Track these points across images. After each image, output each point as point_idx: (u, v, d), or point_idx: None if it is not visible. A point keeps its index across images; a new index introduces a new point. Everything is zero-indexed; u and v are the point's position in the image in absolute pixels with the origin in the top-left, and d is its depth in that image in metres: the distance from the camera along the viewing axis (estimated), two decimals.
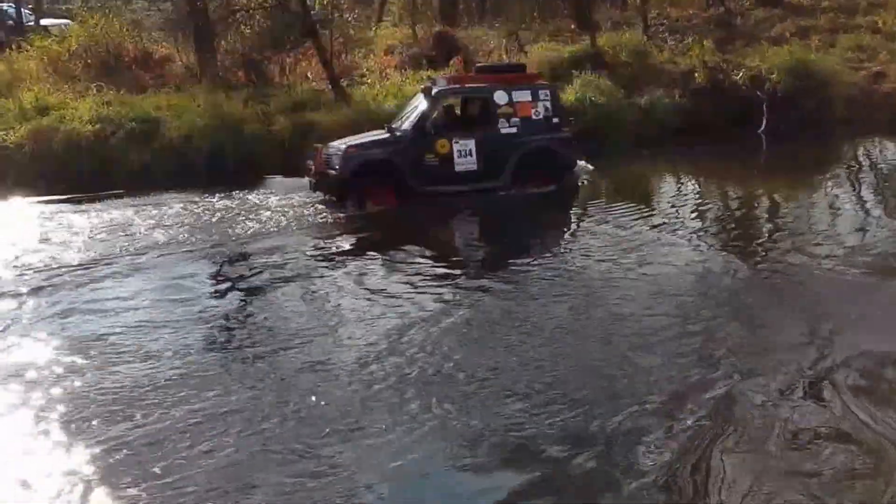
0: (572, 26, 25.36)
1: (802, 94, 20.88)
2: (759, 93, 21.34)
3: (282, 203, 15.40)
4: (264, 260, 12.10)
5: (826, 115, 20.80)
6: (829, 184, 16.40)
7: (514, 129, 15.11)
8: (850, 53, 23.48)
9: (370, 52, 24.50)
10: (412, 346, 8.52)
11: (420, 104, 15.36)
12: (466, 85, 15.88)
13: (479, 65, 17.74)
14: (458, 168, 14.76)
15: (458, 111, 15.94)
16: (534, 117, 15.25)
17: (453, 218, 14.57)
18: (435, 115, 15.08)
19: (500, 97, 15.10)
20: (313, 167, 14.90)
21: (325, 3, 23.11)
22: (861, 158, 19.22)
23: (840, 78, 21.72)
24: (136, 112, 19.11)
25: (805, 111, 20.65)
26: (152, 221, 14.44)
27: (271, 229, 13.78)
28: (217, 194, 16.16)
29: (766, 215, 14.56)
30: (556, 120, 15.47)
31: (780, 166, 18.83)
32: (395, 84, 21.47)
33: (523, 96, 15.24)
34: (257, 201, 15.70)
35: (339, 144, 14.73)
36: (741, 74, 21.80)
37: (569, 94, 20.07)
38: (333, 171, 14.38)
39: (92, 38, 22.72)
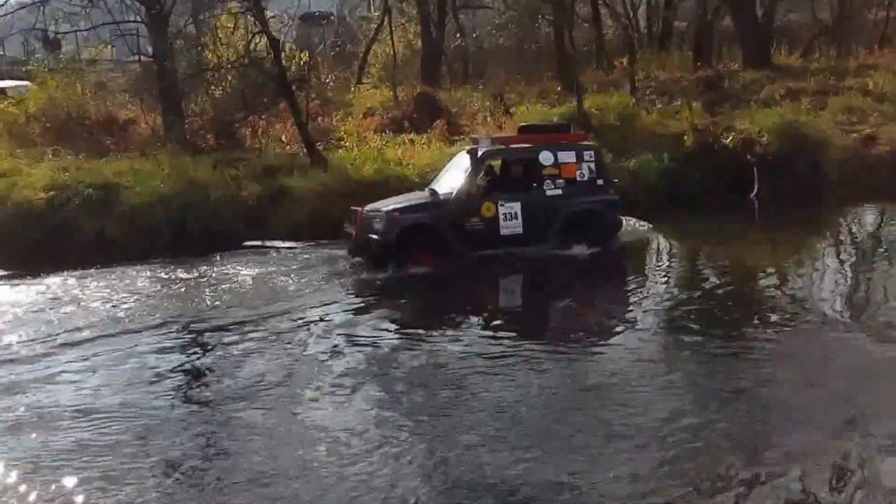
0: (558, 88, 24.46)
1: (794, 158, 20.05)
2: (749, 156, 20.40)
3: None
4: None
5: (819, 179, 19.92)
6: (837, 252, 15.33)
7: (559, 191, 14.68)
8: (840, 116, 22.67)
9: (348, 114, 23.37)
10: None
11: (463, 165, 14.84)
12: (511, 146, 15.26)
13: (522, 124, 16.97)
14: (503, 231, 14.29)
15: (502, 172, 15.37)
16: (579, 179, 14.83)
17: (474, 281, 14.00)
18: (480, 177, 14.65)
19: (545, 158, 14.65)
20: (354, 231, 14.30)
21: (301, 63, 22.00)
22: (859, 225, 18.13)
23: (832, 141, 20.88)
24: (94, 178, 17.86)
25: (797, 175, 19.73)
26: (101, 295, 13.27)
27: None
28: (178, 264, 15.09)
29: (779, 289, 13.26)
30: (600, 181, 14.98)
31: (776, 234, 17.77)
32: (375, 148, 20.29)
33: (568, 157, 14.83)
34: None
35: (381, 207, 14.23)
36: (731, 137, 20.81)
37: None
38: (375, 236, 13.81)
39: (51, 101, 21.46)
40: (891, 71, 25.31)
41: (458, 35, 27.63)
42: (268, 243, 16.44)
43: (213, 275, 14.54)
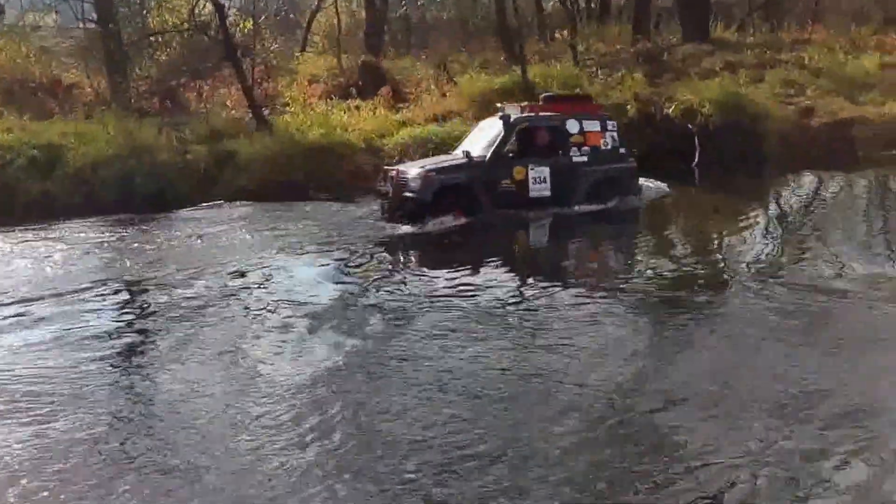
0: (501, 58, 24.39)
1: (735, 128, 20.12)
2: (690, 126, 20.51)
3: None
4: None
5: (758, 149, 20.09)
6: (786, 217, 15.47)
7: (584, 158, 15.17)
8: (778, 88, 22.88)
9: (293, 80, 23.11)
10: None
11: (495, 131, 15.14)
12: (541, 114, 15.54)
13: (546, 94, 17.26)
14: (532, 194, 14.73)
15: (531, 139, 15.47)
16: (602, 147, 15.38)
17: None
18: (511, 142, 15.06)
19: (571, 126, 15.21)
20: (389, 190, 14.58)
21: (245, 30, 21.68)
22: (796, 191, 18.39)
23: (771, 112, 21.06)
24: (38, 139, 17.45)
25: (738, 144, 19.86)
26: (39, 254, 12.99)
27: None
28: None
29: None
30: (622, 150, 15.64)
31: (714, 200, 17.90)
32: (320, 113, 20.12)
33: (593, 126, 15.41)
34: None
35: (415, 168, 14.57)
36: (673, 107, 20.95)
37: None
38: (412, 194, 14.13)
39: None
40: (825, 46, 25.65)
41: (401, 4, 27.44)
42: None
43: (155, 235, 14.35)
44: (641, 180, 16.06)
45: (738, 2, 32.23)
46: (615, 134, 15.63)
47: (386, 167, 15.31)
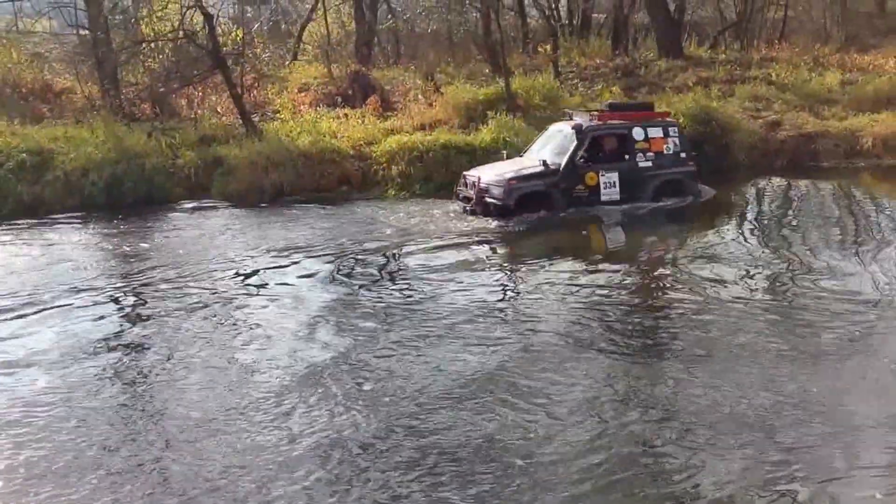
0: (486, 70, 23.86)
1: (706, 139, 19.81)
2: None
3: None
4: None
5: (728, 160, 19.95)
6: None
7: (649, 163, 15.57)
8: (747, 103, 22.66)
9: (284, 88, 22.38)
10: None
11: (568, 139, 15.48)
12: (609, 122, 15.84)
13: (609, 102, 17.64)
14: (603, 198, 15.21)
15: (600, 146, 15.77)
16: (665, 152, 15.76)
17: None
18: (583, 149, 15.28)
19: (637, 133, 15.58)
20: (472, 195, 15.06)
21: (237, 39, 20.92)
22: (763, 198, 18.05)
23: (741, 125, 20.85)
24: (29, 143, 16.65)
25: (709, 155, 19.49)
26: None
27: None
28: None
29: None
30: (683, 154, 15.93)
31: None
32: (310, 121, 19.44)
33: (656, 132, 15.80)
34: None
35: (494, 175, 15.03)
36: None
37: (484, 135, 18.70)
38: (495, 201, 14.67)
39: None
40: (791, 63, 25.51)
41: (389, 17, 26.79)
42: None
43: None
44: None
45: (710, 21, 32.04)
46: (677, 139, 15.97)
47: (465, 173, 15.71)
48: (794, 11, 32.84)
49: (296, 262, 11.99)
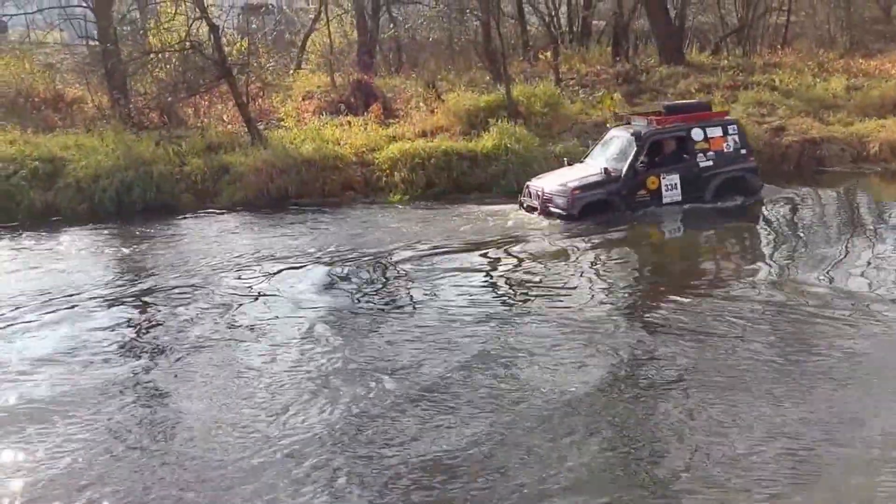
0: (487, 78, 24.33)
1: None
2: None
3: None
4: None
5: None
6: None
7: (710, 162, 15.89)
8: (751, 108, 22.84)
9: (288, 97, 22.98)
10: None
11: (627, 145, 15.77)
12: (668, 125, 16.13)
13: (666, 104, 17.81)
14: (665, 200, 15.55)
15: (659, 148, 16.11)
16: (725, 150, 16.05)
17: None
18: (643, 155, 15.57)
19: (696, 134, 15.88)
20: (537, 205, 15.55)
21: (242, 49, 21.55)
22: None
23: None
24: (40, 152, 17.27)
25: None
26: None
27: None
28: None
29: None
30: (743, 151, 16.28)
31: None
32: (313, 128, 20.02)
33: (715, 132, 16.06)
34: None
35: (559, 186, 15.43)
36: None
37: (486, 141, 19.14)
38: (559, 210, 15.15)
39: (0, 79, 20.67)
40: (794, 69, 25.65)
41: (391, 26, 27.33)
42: None
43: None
44: None
45: (711, 27, 32.26)
46: (736, 137, 16.24)
47: (529, 183, 16.17)
48: (797, 17, 32.93)
49: (303, 266, 12.51)
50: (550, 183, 15.73)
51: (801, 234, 14.14)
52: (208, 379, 8.23)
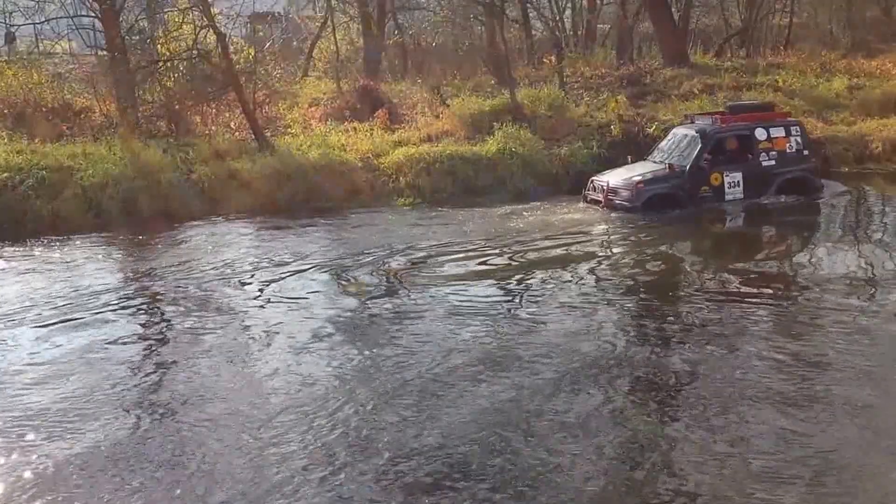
0: (492, 82, 24.08)
1: None
2: None
3: None
4: None
5: None
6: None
7: (773, 162, 16.14)
8: None
9: (295, 104, 22.71)
10: None
11: (692, 141, 16.06)
12: (732, 124, 16.43)
13: (730, 104, 18.41)
14: (727, 197, 15.81)
15: (723, 146, 16.39)
16: (788, 150, 16.29)
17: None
18: (707, 152, 15.88)
19: (759, 134, 16.15)
20: (601, 198, 15.84)
21: (249, 56, 21.31)
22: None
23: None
24: (48, 160, 17.02)
25: None
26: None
27: None
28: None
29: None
30: (805, 152, 16.57)
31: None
32: (320, 134, 19.77)
33: (778, 132, 16.33)
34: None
35: (623, 180, 15.82)
36: (655, 127, 20.59)
37: (490, 145, 18.97)
38: (625, 203, 15.47)
39: (8, 89, 20.45)
40: (797, 69, 25.46)
41: (396, 33, 27.07)
42: None
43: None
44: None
45: (715, 29, 32.01)
46: (798, 137, 16.47)
47: (593, 178, 16.51)
48: (800, 18, 32.78)
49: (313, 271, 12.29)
50: (615, 177, 16.05)
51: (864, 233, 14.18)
52: (221, 382, 8.11)
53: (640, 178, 15.75)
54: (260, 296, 11.12)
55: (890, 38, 30.58)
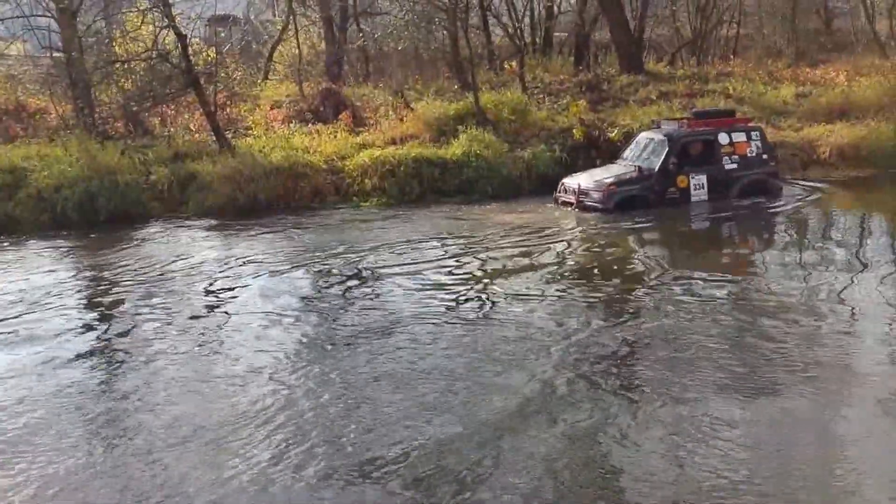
0: (455, 86, 23.38)
1: None
2: None
3: None
4: None
5: None
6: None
7: (735, 165, 16.13)
8: None
9: (256, 106, 21.70)
10: None
11: (659, 145, 16.05)
12: (697, 129, 16.42)
13: (695, 110, 18.48)
14: (692, 199, 15.82)
15: (688, 150, 16.26)
16: (749, 154, 16.29)
17: None
18: (675, 155, 15.82)
19: (722, 138, 16.15)
20: (573, 199, 15.79)
21: (209, 59, 20.27)
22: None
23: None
24: (1, 162, 15.99)
25: None
26: None
27: None
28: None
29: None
30: (765, 156, 16.52)
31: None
32: (283, 136, 18.84)
33: (740, 137, 16.35)
34: None
35: (594, 182, 15.80)
36: (616, 131, 20.08)
37: (455, 148, 18.24)
38: (595, 204, 15.44)
39: None
40: (746, 78, 25.33)
41: (360, 35, 26.18)
42: None
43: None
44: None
45: (666, 39, 31.83)
46: (759, 142, 16.47)
47: (564, 180, 16.43)
48: (746, 29, 32.85)
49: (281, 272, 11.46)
50: (586, 180, 16.04)
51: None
52: (176, 387, 7.38)
53: (611, 180, 15.71)
54: (215, 296, 10.41)
55: (830, 48, 30.79)
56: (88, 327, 9.34)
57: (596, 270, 11.35)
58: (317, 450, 6.03)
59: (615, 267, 11.57)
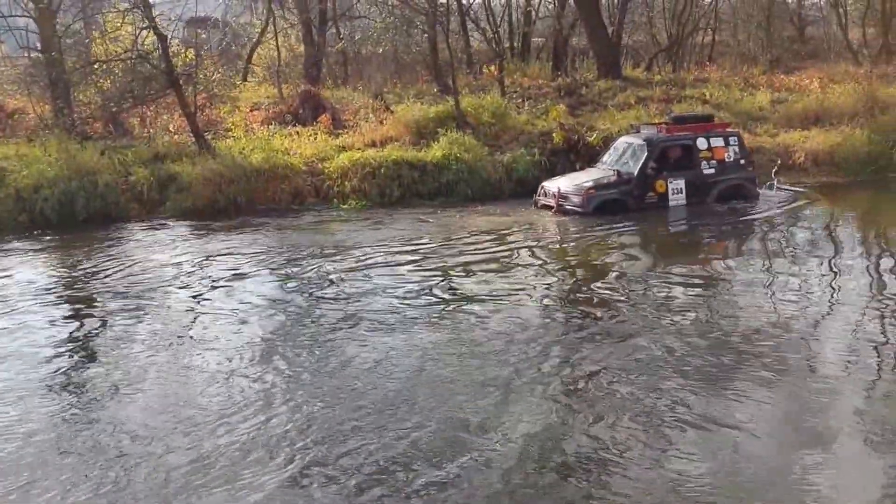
0: (435, 90, 23.27)
1: None
2: None
3: None
4: None
5: None
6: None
7: (713, 170, 16.19)
8: None
9: (236, 108, 21.47)
10: None
11: (638, 150, 16.04)
12: (675, 134, 16.43)
13: (673, 115, 18.39)
14: (671, 203, 15.84)
15: (667, 155, 16.27)
16: (727, 159, 16.33)
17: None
18: (653, 160, 15.84)
19: (701, 143, 16.16)
20: (553, 203, 15.74)
21: (188, 59, 20.01)
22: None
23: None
24: None
25: None
26: None
27: None
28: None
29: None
30: (742, 161, 16.57)
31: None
32: (263, 138, 18.64)
33: (718, 142, 16.36)
34: None
35: (573, 186, 15.79)
36: (595, 136, 20.04)
37: (435, 151, 18.14)
38: (574, 207, 15.43)
39: None
40: (722, 84, 25.41)
41: (339, 38, 26.02)
42: None
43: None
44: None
45: (643, 45, 31.96)
46: (737, 147, 16.51)
47: (543, 184, 16.47)
48: (721, 35, 33.04)
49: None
50: (565, 183, 16.02)
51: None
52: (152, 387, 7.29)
53: (590, 184, 15.70)
54: (192, 297, 10.26)
55: (804, 56, 31.02)
56: (60, 327, 9.17)
57: (571, 273, 11.41)
58: (280, 449, 6.03)
59: (591, 270, 11.60)
